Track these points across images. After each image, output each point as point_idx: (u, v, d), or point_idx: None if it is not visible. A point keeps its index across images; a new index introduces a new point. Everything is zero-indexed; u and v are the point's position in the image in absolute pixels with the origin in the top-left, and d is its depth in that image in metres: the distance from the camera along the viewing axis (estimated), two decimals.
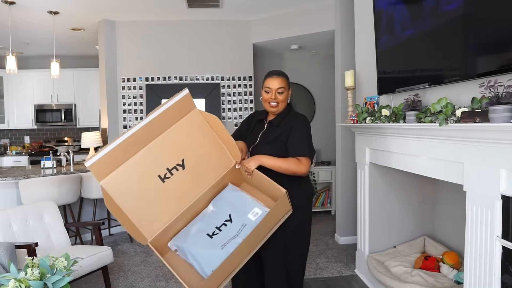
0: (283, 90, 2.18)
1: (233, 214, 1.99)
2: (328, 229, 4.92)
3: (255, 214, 1.97)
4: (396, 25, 2.70)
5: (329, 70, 5.86)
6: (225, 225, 1.96)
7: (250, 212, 1.98)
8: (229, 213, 1.99)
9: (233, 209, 2.01)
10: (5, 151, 6.97)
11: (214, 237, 1.91)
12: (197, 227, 1.98)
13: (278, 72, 2.22)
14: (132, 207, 1.79)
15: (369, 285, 3.24)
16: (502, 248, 1.77)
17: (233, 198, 2.06)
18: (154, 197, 1.84)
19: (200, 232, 1.95)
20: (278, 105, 2.19)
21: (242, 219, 1.96)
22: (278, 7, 4.70)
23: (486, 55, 1.90)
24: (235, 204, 2.02)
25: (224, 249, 1.84)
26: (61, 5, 4.35)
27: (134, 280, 3.47)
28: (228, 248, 1.83)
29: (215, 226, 1.95)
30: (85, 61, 7.06)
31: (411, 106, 2.37)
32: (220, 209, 2.02)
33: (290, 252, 2.18)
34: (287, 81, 2.21)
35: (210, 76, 5.14)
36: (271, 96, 2.17)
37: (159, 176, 1.83)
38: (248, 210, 1.99)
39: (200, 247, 1.89)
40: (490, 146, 1.78)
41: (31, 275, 1.70)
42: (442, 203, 3.16)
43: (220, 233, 1.92)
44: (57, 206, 3.34)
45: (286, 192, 1.93)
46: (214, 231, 1.93)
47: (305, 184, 2.24)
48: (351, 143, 4.21)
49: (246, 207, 2.00)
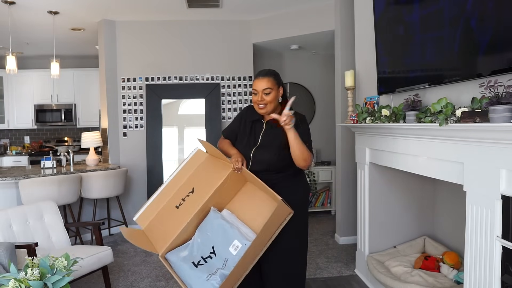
0: (269, 91, 2.12)
1: (216, 247, 2.05)
2: (328, 229, 4.92)
3: (236, 247, 2.00)
4: (396, 25, 2.70)
5: (329, 70, 5.85)
6: (210, 257, 2.04)
7: (230, 245, 2.02)
8: (212, 245, 2.06)
9: (215, 241, 2.06)
10: (5, 151, 6.97)
11: (199, 267, 2.01)
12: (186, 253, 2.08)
13: (264, 72, 2.17)
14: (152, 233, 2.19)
15: (369, 285, 3.24)
16: (502, 248, 1.77)
17: (215, 227, 2.09)
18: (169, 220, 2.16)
19: (188, 259, 2.05)
20: (266, 106, 2.15)
21: (224, 253, 2.02)
22: (278, 7, 4.70)
23: (486, 55, 1.90)
24: (217, 235, 2.07)
25: (209, 281, 1.92)
26: (61, 5, 4.35)
27: (134, 280, 3.47)
28: (212, 280, 1.92)
29: (200, 256, 2.06)
30: (85, 61, 7.06)
31: (411, 106, 2.37)
32: (204, 240, 2.10)
33: (290, 253, 2.19)
34: (274, 81, 2.15)
35: (210, 76, 5.14)
36: (258, 98, 2.14)
37: (175, 207, 2.18)
38: (229, 242, 2.03)
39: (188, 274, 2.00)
40: (490, 146, 1.78)
41: (31, 275, 1.70)
42: (442, 203, 3.16)
43: (205, 264, 2.02)
44: (57, 206, 3.34)
45: (282, 199, 1.93)
46: (200, 261, 2.04)
47: (302, 183, 2.25)
48: (351, 143, 4.21)
49: (227, 239, 2.04)
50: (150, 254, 4.10)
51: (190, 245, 2.11)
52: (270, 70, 2.21)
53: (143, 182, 5.08)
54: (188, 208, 2.12)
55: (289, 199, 2.02)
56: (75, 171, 4.32)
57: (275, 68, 3.09)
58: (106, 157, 5.11)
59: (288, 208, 2.00)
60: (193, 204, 2.12)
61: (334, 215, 5.44)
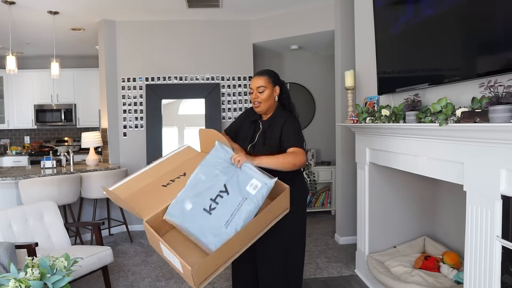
0: (263, 89, 2.19)
1: (228, 185, 1.83)
2: (328, 229, 4.92)
3: (255, 186, 1.81)
4: (396, 25, 2.70)
5: (329, 70, 5.85)
6: (221, 196, 1.80)
7: (248, 184, 1.81)
8: (224, 183, 1.83)
9: (228, 178, 1.83)
10: (5, 151, 6.97)
11: (213, 213, 1.78)
12: (191, 202, 1.83)
13: (260, 72, 2.26)
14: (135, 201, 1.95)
15: (369, 285, 3.24)
16: (502, 248, 1.77)
17: (227, 163, 1.87)
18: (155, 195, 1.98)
19: (196, 207, 1.81)
20: (260, 104, 2.21)
21: (241, 192, 1.80)
22: (278, 7, 4.70)
23: (486, 55, 1.90)
24: (229, 171, 1.85)
25: (228, 228, 1.73)
26: (61, 5, 4.35)
27: (134, 280, 3.47)
28: (231, 227, 1.72)
29: (209, 198, 1.82)
30: (85, 61, 7.05)
31: (411, 106, 2.37)
32: (211, 178, 1.85)
33: (287, 250, 2.20)
34: (269, 79, 2.21)
35: (210, 76, 5.14)
36: (253, 96, 2.22)
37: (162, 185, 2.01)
38: (245, 181, 1.81)
39: (201, 225, 1.77)
40: (490, 146, 1.78)
41: (31, 275, 1.70)
42: (442, 203, 3.16)
43: (218, 206, 1.78)
44: (57, 206, 3.34)
45: (288, 188, 1.91)
46: (211, 205, 1.80)
47: (300, 182, 2.26)
48: (351, 143, 4.21)
49: (244, 176, 1.83)
50: (150, 254, 4.10)
51: (190, 188, 1.88)
52: (267, 69, 2.29)
53: None
54: (178, 186, 1.98)
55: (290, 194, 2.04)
56: (75, 171, 4.32)
57: (275, 68, 3.09)
58: (106, 157, 5.11)
59: (288, 202, 1.97)
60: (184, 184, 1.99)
61: (334, 215, 5.44)
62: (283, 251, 2.19)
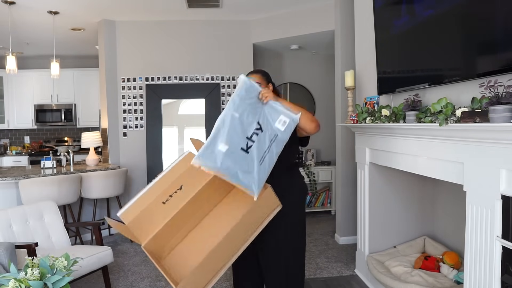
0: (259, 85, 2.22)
1: (262, 121, 1.80)
2: (328, 229, 4.92)
3: (283, 123, 1.81)
4: (396, 25, 2.70)
5: (329, 70, 5.85)
6: (256, 134, 1.76)
7: (277, 120, 1.81)
8: (258, 120, 1.80)
9: (258, 115, 1.80)
10: (5, 151, 6.97)
11: (250, 151, 1.74)
12: (226, 143, 1.74)
13: (254, 70, 2.33)
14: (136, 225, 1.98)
15: (369, 285, 3.24)
16: (502, 248, 1.77)
17: (252, 99, 1.84)
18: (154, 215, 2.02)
19: (233, 148, 1.73)
20: None
21: (272, 129, 1.79)
22: (278, 7, 4.70)
23: (486, 55, 1.90)
24: (260, 107, 1.83)
25: (262, 164, 1.71)
26: (61, 5, 4.35)
27: (134, 280, 3.47)
28: (265, 164, 1.70)
29: (245, 137, 1.76)
30: (85, 61, 7.05)
31: (411, 106, 2.37)
32: (245, 115, 1.80)
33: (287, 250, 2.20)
34: (263, 76, 2.26)
35: (210, 76, 5.14)
36: None
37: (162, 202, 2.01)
38: (275, 117, 1.81)
39: (241, 166, 1.71)
40: (490, 146, 1.78)
41: (31, 275, 1.70)
42: (442, 203, 3.16)
43: (254, 144, 1.75)
44: (57, 206, 3.34)
45: (270, 186, 1.88)
46: (248, 143, 1.75)
47: (298, 181, 2.26)
48: (351, 143, 4.21)
49: (273, 112, 1.83)
50: None
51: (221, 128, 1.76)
52: (260, 69, 2.37)
53: (143, 182, 5.07)
54: (176, 203, 2.02)
55: (285, 199, 2.05)
56: (75, 171, 4.32)
57: (275, 68, 3.10)
58: (106, 157, 5.11)
59: (276, 200, 1.94)
60: (181, 199, 2.04)
61: (334, 215, 5.44)
62: (286, 249, 2.20)
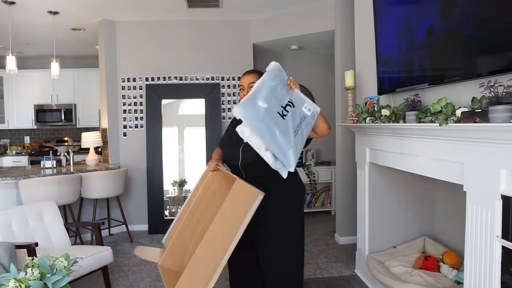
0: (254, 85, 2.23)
1: (293, 100, 1.87)
2: (328, 229, 4.92)
3: (308, 109, 1.89)
4: (396, 25, 2.70)
5: (329, 70, 5.85)
6: (290, 106, 1.82)
7: (303, 106, 1.88)
8: (289, 98, 1.86)
9: (289, 95, 1.87)
10: (5, 151, 6.97)
11: (285, 118, 1.80)
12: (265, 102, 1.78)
13: (250, 70, 2.33)
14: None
15: (369, 285, 3.24)
16: (502, 248, 1.77)
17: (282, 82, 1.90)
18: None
19: (272, 109, 1.78)
20: None
21: (301, 110, 1.85)
22: (278, 7, 4.70)
23: (486, 55, 1.90)
24: (287, 89, 1.90)
25: (296, 137, 1.77)
26: (61, 5, 4.35)
27: (134, 280, 3.47)
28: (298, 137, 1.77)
29: (280, 105, 1.82)
30: (85, 61, 7.05)
31: (411, 106, 2.37)
32: (279, 88, 1.87)
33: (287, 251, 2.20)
34: (259, 76, 2.21)
35: (210, 76, 5.14)
36: (245, 92, 2.24)
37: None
38: (302, 101, 1.88)
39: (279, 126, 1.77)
40: (490, 146, 1.78)
41: (31, 275, 1.70)
42: (442, 203, 3.16)
43: (288, 114, 1.80)
44: (57, 206, 3.34)
45: (239, 178, 1.94)
46: (283, 111, 1.80)
47: (296, 181, 2.26)
48: (351, 143, 4.21)
49: (300, 97, 1.89)
50: None
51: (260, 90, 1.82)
52: (256, 69, 2.38)
53: (143, 182, 5.08)
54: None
55: (283, 199, 2.04)
56: (75, 171, 4.32)
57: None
58: (106, 157, 5.11)
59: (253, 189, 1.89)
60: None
61: (334, 215, 5.44)
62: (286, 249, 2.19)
